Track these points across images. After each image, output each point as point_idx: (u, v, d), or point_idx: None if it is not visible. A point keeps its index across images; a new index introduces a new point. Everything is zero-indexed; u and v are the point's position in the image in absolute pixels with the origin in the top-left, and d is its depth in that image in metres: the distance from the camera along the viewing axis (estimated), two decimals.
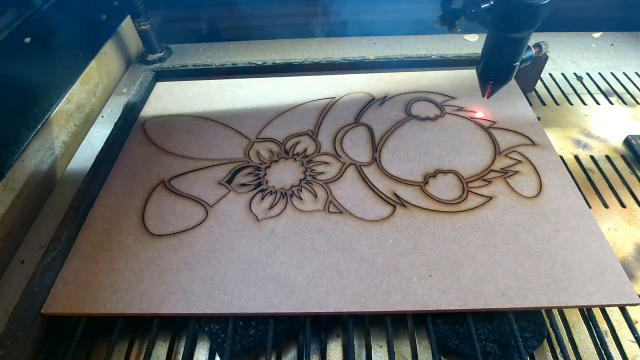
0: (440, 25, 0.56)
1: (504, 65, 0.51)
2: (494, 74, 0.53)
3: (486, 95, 0.56)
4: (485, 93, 0.56)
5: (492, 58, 0.52)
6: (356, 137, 0.62)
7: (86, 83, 0.72)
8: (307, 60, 0.77)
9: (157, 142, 0.63)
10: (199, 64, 0.79)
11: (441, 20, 0.55)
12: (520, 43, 0.49)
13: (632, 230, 0.53)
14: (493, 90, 0.55)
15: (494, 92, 0.56)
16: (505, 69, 0.52)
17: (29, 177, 0.56)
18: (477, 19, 0.50)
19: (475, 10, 0.49)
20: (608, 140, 0.65)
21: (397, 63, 0.76)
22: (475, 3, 0.49)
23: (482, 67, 0.54)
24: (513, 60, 0.50)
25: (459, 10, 0.53)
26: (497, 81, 0.53)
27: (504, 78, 0.53)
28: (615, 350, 0.42)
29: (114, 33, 0.82)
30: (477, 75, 0.55)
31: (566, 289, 0.43)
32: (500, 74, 0.52)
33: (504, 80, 0.53)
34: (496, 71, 0.52)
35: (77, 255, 0.48)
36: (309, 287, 0.44)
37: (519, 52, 0.50)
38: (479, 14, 0.49)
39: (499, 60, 0.51)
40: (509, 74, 0.52)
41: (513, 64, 0.51)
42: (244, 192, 0.55)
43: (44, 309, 0.43)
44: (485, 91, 0.56)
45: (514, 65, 0.51)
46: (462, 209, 0.51)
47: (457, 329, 0.43)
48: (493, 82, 0.54)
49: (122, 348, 0.45)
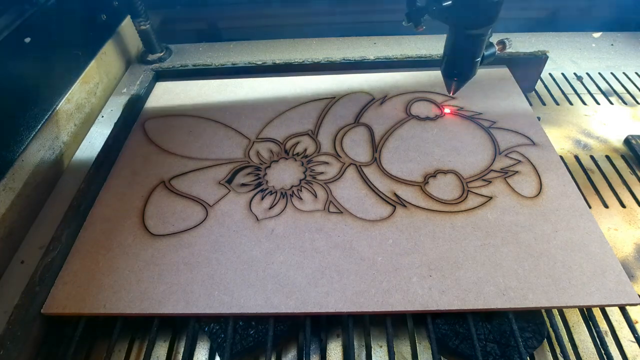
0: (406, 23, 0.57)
1: (466, 62, 0.53)
2: (456, 70, 0.55)
3: (452, 91, 0.59)
4: (451, 90, 0.58)
5: (454, 55, 0.54)
6: (356, 137, 0.62)
7: (86, 83, 0.72)
8: (307, 60, 0.77)
9: (157, 142, 0.63)
10: (199, 64, 0.79)
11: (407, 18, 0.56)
12: (480, 39, 0.51)
13: (632, 230, 0.53)
14: (458, 86, 0.57)
15: (458, 88, 0.58)
16: (467, 65, 0.54)
17: (29, 177, 0.56)
18: (438, 16, 0.51)
19: (436, 8, 0.50)
20: (608, 140, 0.65)
21: (397, 63, 0.76)
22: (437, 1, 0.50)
23: (445, 65, 0.56)
24: (474, 56, 0.52)
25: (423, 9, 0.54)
26: (461, 77, 0.56)
27: (467, 74, 0.55)
28: (615, 350, 0.42)
29: (114, 33, 0.82)
30: (442, 74, 0.57)
31: (566, 289, 0.43)
32: (463, 70, 0.54)
33: (468, 76, 0.55)
34: (459, 67, 0.55)
35: (77, 255, 0.48)
36: (309, 287, 0.44)
37: (478, 48, 0.52)
38: (440, 11, 0.50)
39: (460, 57, 0.53)
40: (471, 69, 0.54)
41: (474, 60, 0.53)
42: (244, 192, 0.55)
43: (44, 309, 0.43)
44: (450, 88, 0.58)
45: (475, 61, 0.53)
46: (462, 209, 0.51)
47: (457, 329, 0.43)
48: (457, 78, 0.56)
49: (122, 348, 0.45)
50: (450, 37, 0.53)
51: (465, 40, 0.51)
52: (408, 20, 0.56)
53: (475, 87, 0.70)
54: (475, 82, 0.71)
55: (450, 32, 0.52)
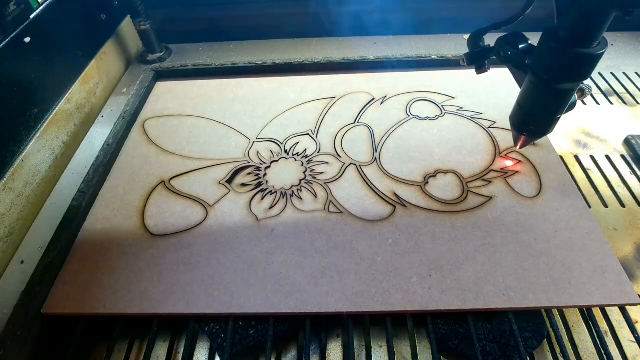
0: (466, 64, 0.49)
1: (545, 118, 0.43)
2: (531, 125, 0.45)
3: (519, 146, 0.50)
4: (518, 143, 0.50)
5: (531, 108, 0.44)
6: (356, 137, 0.62)
7: (86, 83, 0.72)
8: (307, 60, 0.77)
9: (157, 142, 0.63)
10: (199, 64, 0.79)
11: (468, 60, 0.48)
12: (567, 95, 0.41)
13: (632, 230, 0.53)
14: (527, 141, 0.48)
15: (527, 144, 0.49)
16: (545, 122, 0.44)
17: (29, 177, 0.56)
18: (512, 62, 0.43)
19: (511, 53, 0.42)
20: (608, 140, 0.65)
21: (397, 63, 0.76)
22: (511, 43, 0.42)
23: (517, 116, 0.46)
24: (556, 112, 0.42)
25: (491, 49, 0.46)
26: (534, 133, 0.46)
27: (543, 131, 0.45)
28: (615, 350, 0.42)
29: (114, 33, 0.82)
30: (511, 124, 0.47)
31: (566, 289, 0.43)
32: (539, 126, 0.44)
33: (543, 134, 0.46)
34: (535, 123, 0.45)
35: (77, 255, 0.48)
36: (309, 287, 0.44)
37: (564, 104, 0.41)
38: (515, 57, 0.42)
39: (538, 111, 0.43)
40: (550, 127, 0.44)
41: (556, 117, 0.43)
42: (244, 192, 0.55)
43: (44, 309, 0.43)
44: (517, 141, 0.49)
45: (556, 118, 0.43)
46: (462, 209, 0.51)
47: (457, 329, 0.43)
48: (529, 134, 0.46)
49: (122, 348, 0.45)
50: (528, 86, 0.43)
51: (548, 95, 0.41)
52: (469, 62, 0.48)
53: (475, 87, 0.70)
54: (475, 82, 0.71)
55: (528, 82, 0.42)
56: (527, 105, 0.44)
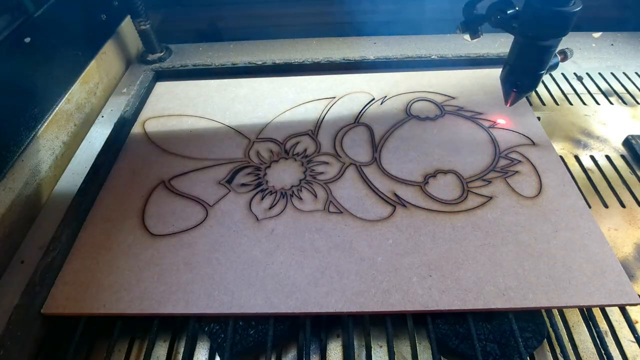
0: (462, 31, 0.54)
1: (530, 73, 0.50)
2: (519, 81, 0.51)
3: (509, 103, 0.55)
4: (509, 100, 0.55)
5: (518, 65, 0.50)
6: (356, 137, 0.62)
7: (86, 83, 0.72)
8: (307, 60, 0.77)
9: (157, 142, 0.63)
10: (199, 64, 0.79)
11: (463, 27, 0.54)
12: (549, 51, 0.47)
13: (632, 230, 0.53)
14: (516, 98, 0.54)
15: (517, 100, 0.54)
16: (530, 77, 0.50)
17: (29, 177, 0.56)
18: (502, 25, 0.48)
19: (500, 17, 0.48)
20: (608, 140, 0.65)
21: (397, 63, 0.76)
22: (501, 9, 0.47)
23: (507, 74, 0.52)
24: (540, 68, 0.49)
25: (483, 16, 0.51)
26: (522, 89, 0.52)
27: (529, 86, 0.51)
28: (615, 350, 0.42)
29: (114, 33, 0.82)
30: (501, 82, 0.54)
31: (566, 289, 0.43)
32: (526, 81, 0.51)
33: (529, 89, 0.52)
34: (521, 79, 0.51)
35: (77, 255, 0.48)
36: (309, 287, 0.44)
37: (546, 60, 0.48)
38: (504, 20, 0.47)
39: (525, 68, 0.49)
40: (535, 82, 0.51)
41: (539, 72, 0.49)
42: (244, 192, 0.55)
43: (44, 309, 0.43)
44: (508, 98, 0.55)
45: (540, 74, 0.49)
46: (462, 209, 0.51)
47: (457, 329, 0.43)
48: (517, 89, 0.52)
49: (122, 348, 0.45)
50: (515, 46, 0.49)
51: (532, 51, 0.47)
52: (464, 29, 0.53)
53: (476, 87, 0.70)
54: (475, 82, 0.71)
55: (515, 42, 0.49)
56: (514, 63, 0.50)
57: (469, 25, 0.53)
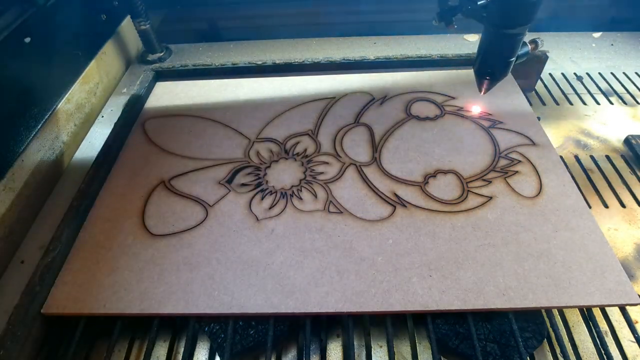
0: (437, 22, 0.57)
1: (500, 61, 0.52)
2: (490, 69, 0.54)
3: (483, 90, 0.57)
4: (482, 89, 0.57)
5: (488, 54, 0.52)
6: (356, 137, 0.62)
7: (86, 83, 0.72)
8: (307, 60, 0.77)
9: (157, 142, 0.63)
10: (199, 64, 0.79)
11: (438, 17, 0.56)
12: (516, 39, 0.49)
13: (632, 230, 0.53)
14: (490, 86, 0.56)
15: (490, 87, 0.56)
16: (501, 65, 0.52)
17: (29, 177, 0.56)
18: (473, 15, 0.51)
19: (471, 7, 0.50)
20: (608, 140, 0.65)
21: (397, 63, 0.76)
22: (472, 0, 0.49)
23: (479, 63, 0.55)
24: (509, 55, 0.51)
25: (456, 7, 0.54)
26: (494, 77, 0.54)
27: (500, 74, 0.54)
28: (615, 350, 0.42)
29: (114, 33, 0.82)
30: (474, 71, 0.56)
31: (566, 289, 0.43)
32: (497, 69, 0.53)
33: (500, 76, 0.54)
34: (492, 67, 0.53)
35: (77, 255, 0.48)
36: (309, 287, 0.44)
37: (514, 47, 0.50)
38: (475, 10, 0.50)
39: (495, 56, 0.52)
40: (505, 69, 0.53)
41: (509, 60, 0.51)
42: (244, 192, 0.55)
43: (44, 309, 0.43)
44: (481, 87, 0.57)
45: (509, 61, 0.52)
46: (462, 209, 0.51)
47: (457, 329, 0.43)
48: (490, 77, 0.55)
49: (122, 348, 0.45)
50: (485, 35, 0.52)
51: (500, 40, 0.50)
52: (439, 19, 0.56)
53: (476, 87, 0.70)
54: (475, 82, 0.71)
55: (485, 31, 0.51)
56: (485, 52, 0.53)
57: (443, 15, 0.56)
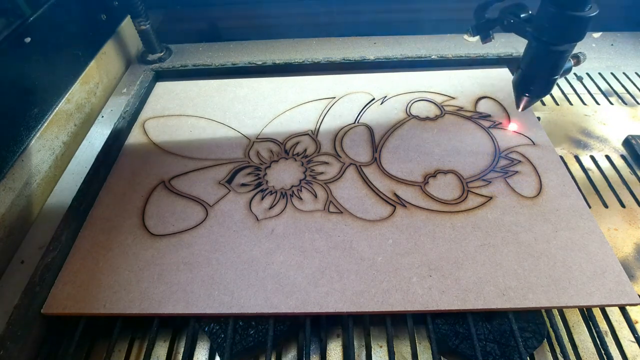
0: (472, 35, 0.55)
1: (544, 79, 0.49)
2: (532, 86, 0.51)
3: (521, 107, 0.54)
4: (521, 105, 0.54)
5: (531, 70, 0.49)
6: (356, 137, 0.62)
7: (86, 83, 0.72)
8: (307, 60, 0.77)
9: (157, 142, 0.63)
10: (199, 64, 0.79)
11: (474, 31, 0.54)
12: (563, 56, 0.46)
13: (632, 230, 0.53)
14: (528, 103, 0.53)
15: (529, 105, 0.54)
16: (544, 82, 0.50)
17: (29, 177, 0.56)
18: (515, 29, 0.48)
19: (514, 21, 0.47)
20: (608, 140, 0.65)
21: (397, 63, 0.76)
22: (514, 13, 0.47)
23: (520, 79, 0.51)
24: (554, 73, 0.48)
25: (495, 20, 0.51)
26: (534, 94, 0.52)
27: (542, 91, 0.51)
28: (615, 350, 0.42)
29: (114, 33, 0.82)
30: (513, 86, 0.53)
31: (566, 289, 0.43)
32: (538, 87, 0.50)
33: (541, 94, 0.52)
34: (534, 84, 0.50)
35: (77, 255, 0.48)
36: (309, 287, 0.44)
37: (560, 65, 0.47)
38: (517, 24, 0.47)
39: (538, 73, 0.49)
40: (548, 87, 0.50)
41: (553, 77, 0.49)
42: (244, 192, 0.55)
43: (44, 309, 0.43)
44: (520, 103, 0.54)
45: (553, 79, 0.49)
46: (462, 209, 0.51)
47: (457, 329, 0.43)
48: (530, 94, 0.52)
49: (122, 348, 0.45)
50: (528, 50, 0.48)
51: (546, 56, 0.47)
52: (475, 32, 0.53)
53: (476, 87, 0.70)
54: (475, 82, 0.71)
55: (529, 46, 0.48)
56: (528, 67, 0.50)
57: (480, 28, 0.53)
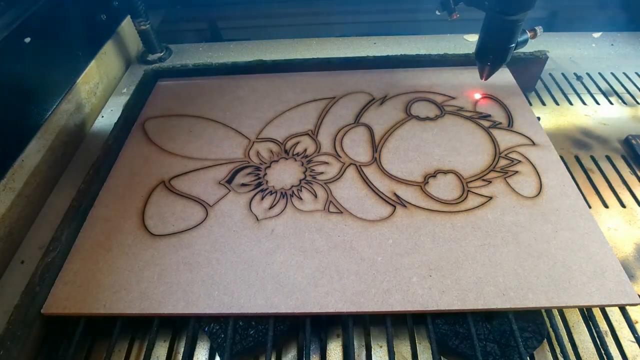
0: (440, 11, 0.59)
1: (500, 47, 0.54)
2: (491, 55, 0.56)
3: (484, 77, 0.60)
4: (483, 75, 0.60)
5: (489, 40, 0.55)
6: (356, 137, 0.62)
7: (86, 83, 0.72)
8: (307, 60, 0.77)
9: (157, 142, 0.63)
10: (199, 64, 0.79)
11: (441, 6, 0.59)
12: (516, 25, 0.51)
13: (632, 230, 0.53)
14: (491, 72, 0.59)
15: (491, 73, 0.59)
16: (501, 51, 0.55)
17: (29, 177, 0.56)
18: (474, 3, 0.53)
19: None
20: (608, 140, 0.65)
21: (397, 63, 0.76)
22: None
23: (479, 49, 0.57)
24: (509, 42, 0.53)
25: None
26: (494, 63, 0.57)
27: (500, 59, 0.56)
28: (615, 350, 0.42)
29: (114, 33, 0.82)
30: (475, 57, 0.58)
31: (566, 289, 0.43)
32: (497, 55, 0.55)
33: (500, 62, 0.57)
34: (492, 52, 0.56)
35: (77, 255, 0.48)
36: (309, 287, 0.44)
37: (514, 34, 0.53)
38: None
39: (495, 42, 0.54)
40: (505, 55, 0.55)
41: (509, 46, 0.54)
42: (244, 192, 0.55)
43: (44, 309, 0.43)
44: (483, 72, 0.59)
45: (509, 47, 0.54)
46: (462, 209, 0.51)
47: (457, 329, 0.43)
48: (490, 63, 0.57)
49: (122, 348, 0.45)
50: (486, 22, 0.54)
51: (501, 26, 0.52)
52: (442, 8, 0.58)
53: (475, 87, 0.70)
54: (475, 82, 0.71)
55: (486, 18, 0.53)
56: (486, 38, 0.55)
57: (445, 4, 0.59)
